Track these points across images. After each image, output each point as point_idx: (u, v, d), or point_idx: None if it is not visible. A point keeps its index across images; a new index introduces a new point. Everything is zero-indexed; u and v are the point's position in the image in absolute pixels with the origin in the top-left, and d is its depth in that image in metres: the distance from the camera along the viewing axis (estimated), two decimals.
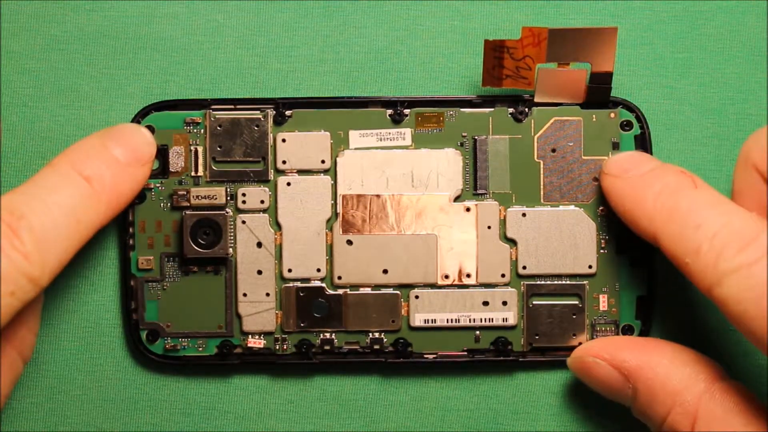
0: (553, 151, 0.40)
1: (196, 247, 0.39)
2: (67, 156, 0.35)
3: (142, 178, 0.37)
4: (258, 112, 0.40)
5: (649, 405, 0.36)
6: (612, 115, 0.40)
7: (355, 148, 0.40)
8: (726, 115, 0.41)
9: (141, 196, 0.39)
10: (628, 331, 0.40)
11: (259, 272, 0.40)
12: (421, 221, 0.40)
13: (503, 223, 0.40)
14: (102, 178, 0.35)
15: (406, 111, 0.40)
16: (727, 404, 0.34)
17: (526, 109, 0.40)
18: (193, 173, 0.39)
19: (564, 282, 0.40)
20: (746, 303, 0.32)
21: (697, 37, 0.41)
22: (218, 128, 0.39)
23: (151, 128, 0.39)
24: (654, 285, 0.40)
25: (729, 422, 0.34)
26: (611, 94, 0.39)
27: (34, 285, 0.33)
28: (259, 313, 0.40)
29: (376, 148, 0.40)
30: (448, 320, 0.40)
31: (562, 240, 0.40)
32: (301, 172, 0.40)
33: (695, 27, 0.41)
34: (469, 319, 0.40)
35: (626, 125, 0.40)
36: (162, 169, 0.40)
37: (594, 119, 0.40)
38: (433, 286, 0.40)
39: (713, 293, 0.33)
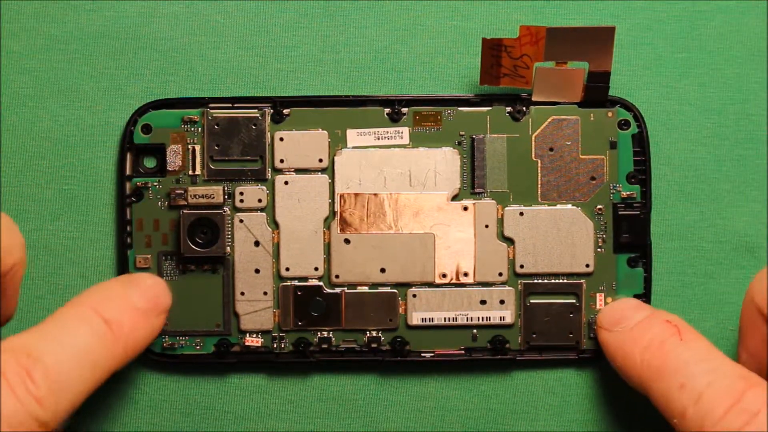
0: (551, 150, 0.40)
1: (193, 246, 0.39)
2: (87, 298, 0.35)
3: (158, 327, 0.37)
4: (256, 110, 0.40)
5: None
6: (610, 114, 0.40)
7: (353, 147, 0.40)
8: (726, 115, 0.41)
9: (139, 195, 0.39)
10: None
11: (257, 271, 0.40)
12: (419, 220, 0.40)
13: (501, 222, 0.40)
14: (121, 323, 0.35)
15: (404, 110, 0.40)
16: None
17: (524, 108, 0.40)
18: (190, 172, 0.40)
19: (561, 281, 0.40)
20: None
21: (697, 37, 0.41)
22: (216, 127, 0.40)
23: (148, 126, 0.40)
24: (650, 284, 0.40)
25: None
26: (609, 93, 0.39)
27: (45, 428, 0.32)
28: (256, 311, 0.40)
29: (374, 146, 0.40)
30: (445, 319, 0.40)
31: (560, 239, 0.39)
32: (298, 170, 0.40)
33: (695, 27, 0.41)
34: (467, 318, 0.40)
35: (624, 124, 0.40)
36: (159, 168, 0.40)
37: (592, 118, 0.39)
38: (431, 284, 0.40)
39: None
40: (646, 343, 0.35)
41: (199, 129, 0.40)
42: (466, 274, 0.40)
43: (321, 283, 0.40)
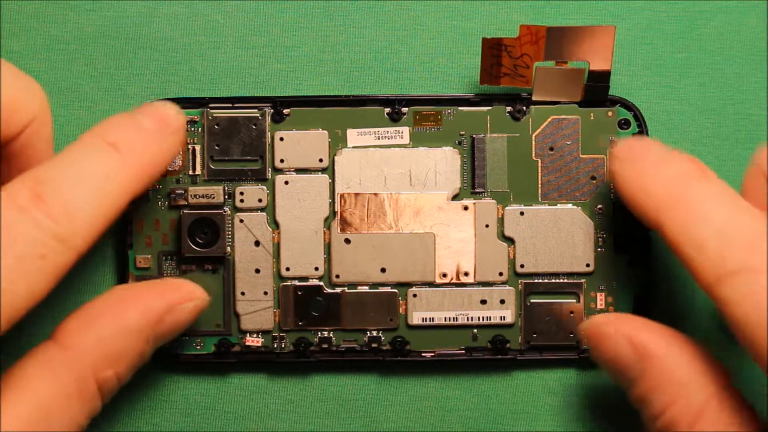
0: (551, 149, 0.40)
1: (193, 246, 0.39)
2: (94, 129, 0.35)
3: (173, 145, 0.36)
4: (256, 110, 0.40)
5: (652, 391, 0.35)
6: (610, 113, 0.40)
7: (353, 147, 0.40)
8: (726, 115, 0.41)
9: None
10: None
11: (257, 271, 0.40)
12: (419, 220, 0.40)
13: (501, 221, 0.40)
14: (130, 144, 0.34)
15: (404, 109, 0.40)
16: (734, 411, 0.34)
17: (524, 108, 0.40)
18: (190, 172, 0.40)
19: (562, 280, 0.40)
20: (749, 307, 0.31)
21: (697, 37, 0.41)
22: (216, 127, 0.40)
23: None
24: (651, 284, 0.40)
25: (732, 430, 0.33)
26: (609, 93, 0.39)
27: (67, 248, 0.32)
28: (257, 311, 0.40)
29: (374, 146, 0.40)
30: (445, 319, 0.40)
31: (560, 238, 0.39)
32: (299, 170, 0.40)
33: (695, 27, 0.41)
34: (467, 318, 0.40)
35: (624, 123, 0.40)
36: None
37: (592, 118, 0.39)
38: (431, 284, 0.40)
39: (714, 291, 0.32)
40: (668, 176, 0.35)
41: (200, 129, 0.40)
42: (466, 274, 0.40)
43: (321, 283, 0.40)
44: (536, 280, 0.40)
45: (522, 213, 0.40)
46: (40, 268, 0.31)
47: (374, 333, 0.40)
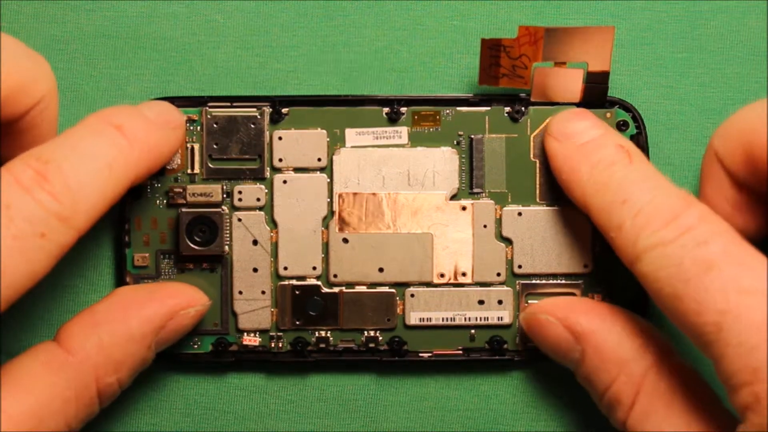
0: None
1: (191, 245, 0.39)
2: (98, 112, 0.35)
3: (175, 140, 0.37)
4: (254, 109, 0.40)
5: (594, 371, 0.36)
6: (608, 114, 0.39)
7: (352, 147, 0.40)
8: (726, 115, 0.40)
9: (137, 194, 0.39)
10: None
11: (255, 270, 0.40)
12: (417, 220, 0.40)
13: (499, 222, 0.40)
14: (134, 129, 0.35)
15: (403, 109, 0.40)
16: (673, 381, 0.34)
17: (523, 108, 0.40)
18: (189, 171, 0.40)
19: (559, 281, 0.40)
20: (661, 282, 0.32)
21: (697, 37, 0.41)
22: (215, 126, 0.40)
23: None
24: None
25: (671, 400, 0.34)
26: (609, 93, 0.39)
27: (68, 227, 0.32)
28: (254, 310, 0.40)
29: (373, 146, 0.40)
30: (443, 319, 0.40)
31: (558, 239, 0.39)
32: (297, 170, 0.40)
33: (695, 27, 0.41)
34: (465, 318, 0.40)
35: (623, 125, 0.39)
36: None
37: None
38: (429, 284, 0.40)
39: (633, 269, 0.34)
40: (595, 160, 0.36)
41: (198, 128, 0.40)
42: (464, 274, 0.40)
43: (319, 283, 0.40)
44: (534, 281, 0.40)
45: (520, 213, 0.40)
46: (40, 247, 0.31)
47: (372, 333, 0.40)
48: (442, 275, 0.40)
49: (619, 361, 0.35)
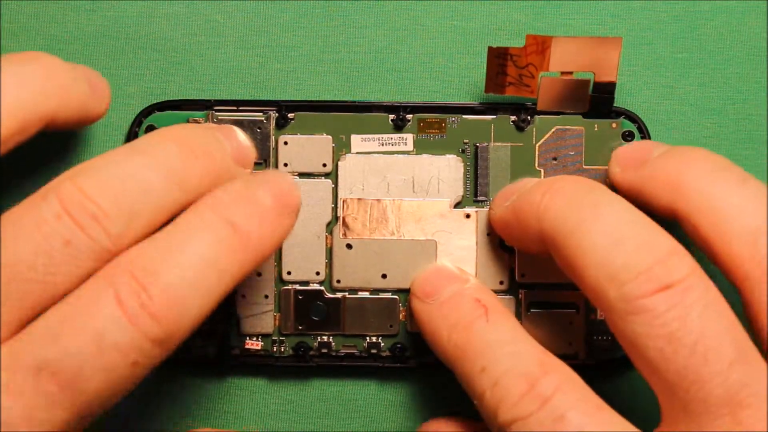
0: (555, 159, 0.40)
1: None
2: (209, 201, 0.31)
3: (288, 227, 0.33)
4: (260, 114, 0.39)
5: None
6: (614, 125, 0.40)
7: (357, 153, 0.40)
8: (726, 115, 0.41)
9: None
10: None
11: (259, 274, 0.40)
12: (421, 227, 0.40)
13: None
14: (248, 224, 0.31)
15: (409, 116, 0.40)
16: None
17: (529, 118, 0.40)
18: None
19: (562, 291, 0.40)
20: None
21: (697, 37, 0.41)
22: None
23: (152, 128, 0.39)
24: None
25: None
26: (614, 104, 0.39)
27: (163, 349, 0.29)
28: (257, 315, 0.40)
29: (378, 152, 0.40)
30: None
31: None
32: (302, 175, 0.40)
33: (695, 27, 0.41)
34: None
35: (628, 135, 0.40)
36: None
37: (596, 129, 0.40)
38: None
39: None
40: (453, 321, 0.35)
41: None
42: None
43: (322, 288, 0.40)
44: (537, 290, 0.40)
45: None
46: (129, 375, 0.29)
47: (374, 339, 0.40)
48: None
49: None
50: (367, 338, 0.40)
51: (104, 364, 0.29)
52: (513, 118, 0.40)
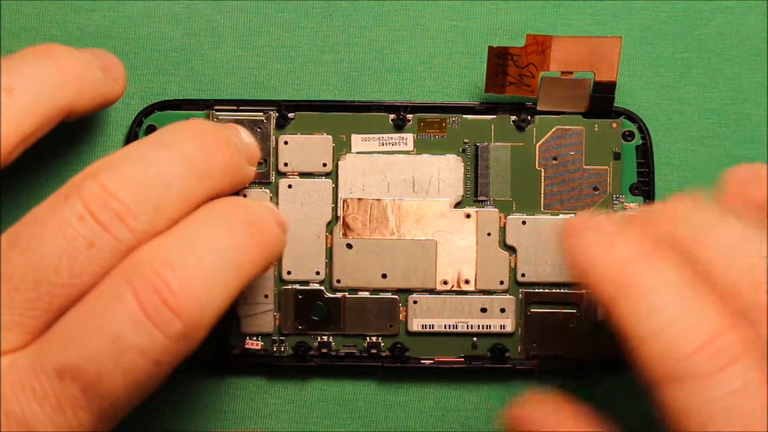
0: (555, 159, 0.40)
1: None
2: (233, 205, 0.32)
3: (283, 244, 0.33)
4: (261, 113, 0.39)
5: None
6: (614, 125, 0.40)
7: (357, 152, 0.40)
8: (726, 115, 0.41)
9: None
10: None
11: None
12: (421, 227, 0.40)
13: (503, 230, 0.40)
14: (266, 226, 0.32)
15: (409, 116, 0.40)
16: None
17: (529, 117, 0.40)
18: None
19: (562, 290, 0.40)
20: (687, 420, 0.28)
21: (697, 37, 0.41)
22: None
23: (153, 128, 0.39)
24: None
25: None
26: (614, 104, 0.39)
27: (187, 344, 0.29)
28: (257, 314, 0.40)
29: (378, 152, 0.40)
30: (445, 326, 0.40)
31: (562, 249, 0.40)
32: (302, 174, 0.40)
33: (695, 27, 0.41)
34: (467, 326, 0.40)
35: (628, 135, 0.40)
36: None
37: (596, 129, 0.39)
38: (432, 291, 0.40)
39: (652, 389, 0.29)
40: (621, 256, 0.31)
41: None
42: (467, 282, 0.40)
43: (322, 288, 0.40)
44: (537, 290, 0.40)
45: (524, 222, 0.40)
46: (154, 374, 0.29)
47: (374, 339, 0.40)
48: (445, 282, 0.40)
49: None
50: (367, 338, 0.40)
51: (125, 366, 0.28)
52: (513, 117, 0.40)
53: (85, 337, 0.28)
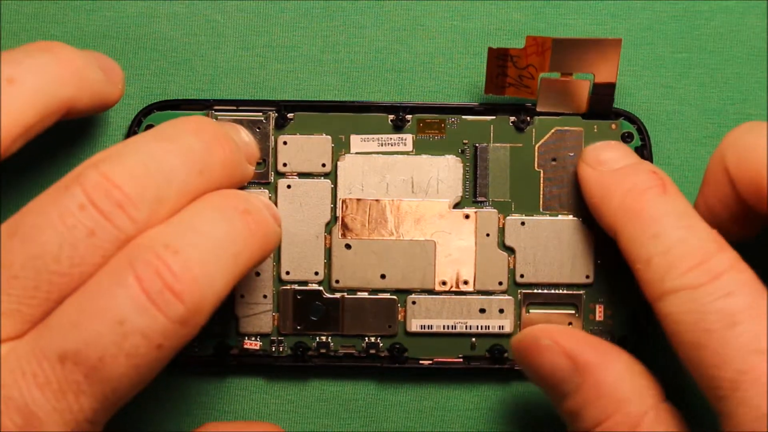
0: (554, 160, 0.40)
1: None
2: (224, 197, 0.33)
3: (280, 237, 0.35)
4: (260, 113, 0.39)
5: (588, 405, 0.34)
6: (613, 126, 0.40)
7: (356, 153, 0.40)
8: (726, 115, 0.41)
9: None
10: (623, 342, 0.40)
11: (257, 274, 0.40)
12: (420, 227, 0.40)
13: (502, 231, 0.40)
14: (259, 217, 0.32)
15: (408, 117, 0.40)
16: (670, 425, 0.34)
17: (528, 118, 0.40)
18: None
19: (561, 291, 0.40)
20: (683, 326, 0.32)
21: (697, 37, 0.41)
22: None
23: (152, 127, 0.39)
24: None
25: None
26: (614, 104, 0.39)
27: (188, 330, 0.29)
28: (256, 314, 0.40)
29: (377, 153, 0.40)
30: (444, 327, 0.40)
31: (561, 249, 0.40)
32: (301, 175, 0.40)
33: (695, 27, 0.41)
34: (466, 326, 0.40)
35: (627, 136, 0.40)
36: None
37: (595, 130, 0.39)
38: (431, 292, 0.40)
39: (655, 306, 0.33)
40: (628, 186, 0.35)
41: None
42: (466, 282, 0.40)
43: (321, 288, 0.40)
44: (535, 291, 0.40)
45: (523, 223, 0.40)
46: (154, 358, 0.29)
47: (372, 339, 0.40)
48: (444, 283, 0.40)
49: (618, 399, 0.34)
50: (366, 338, 0.40)
51: (127, 350, 0.28)
52: (512, 118, 0.40)
53: (87, 320, 0.28)
